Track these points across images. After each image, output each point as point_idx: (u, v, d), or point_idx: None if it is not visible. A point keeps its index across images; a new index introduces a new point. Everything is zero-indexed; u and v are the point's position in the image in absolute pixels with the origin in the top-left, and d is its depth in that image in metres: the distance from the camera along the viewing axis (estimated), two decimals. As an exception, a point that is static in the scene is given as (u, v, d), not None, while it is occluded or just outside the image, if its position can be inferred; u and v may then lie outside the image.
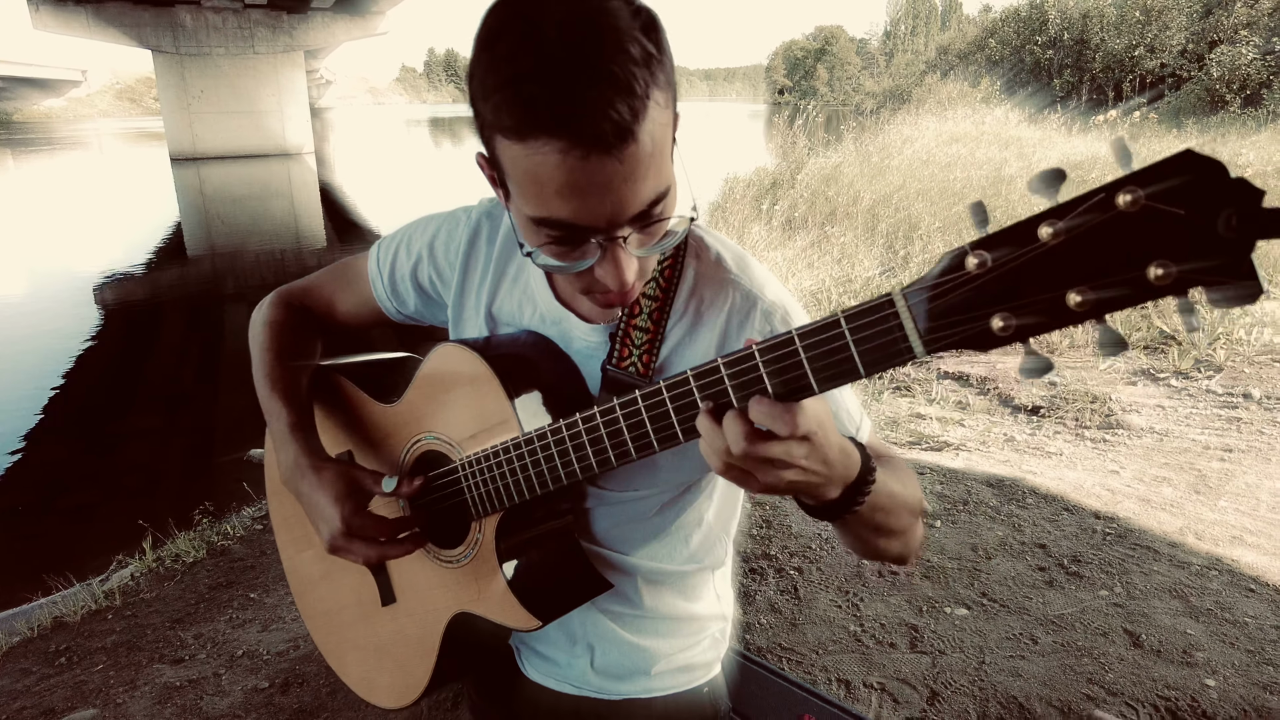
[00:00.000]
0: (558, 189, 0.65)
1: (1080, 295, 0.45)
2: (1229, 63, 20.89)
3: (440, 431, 0.95)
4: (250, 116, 28.13)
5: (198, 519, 4.03)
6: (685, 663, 1.04)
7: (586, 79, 0.62)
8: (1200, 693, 2.08)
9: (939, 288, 0.50)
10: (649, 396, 0.69)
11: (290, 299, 1.11)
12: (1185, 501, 3.08)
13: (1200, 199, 0.41)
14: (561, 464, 0.80)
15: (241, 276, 11.85)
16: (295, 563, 1.20)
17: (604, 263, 0.71)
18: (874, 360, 0.55)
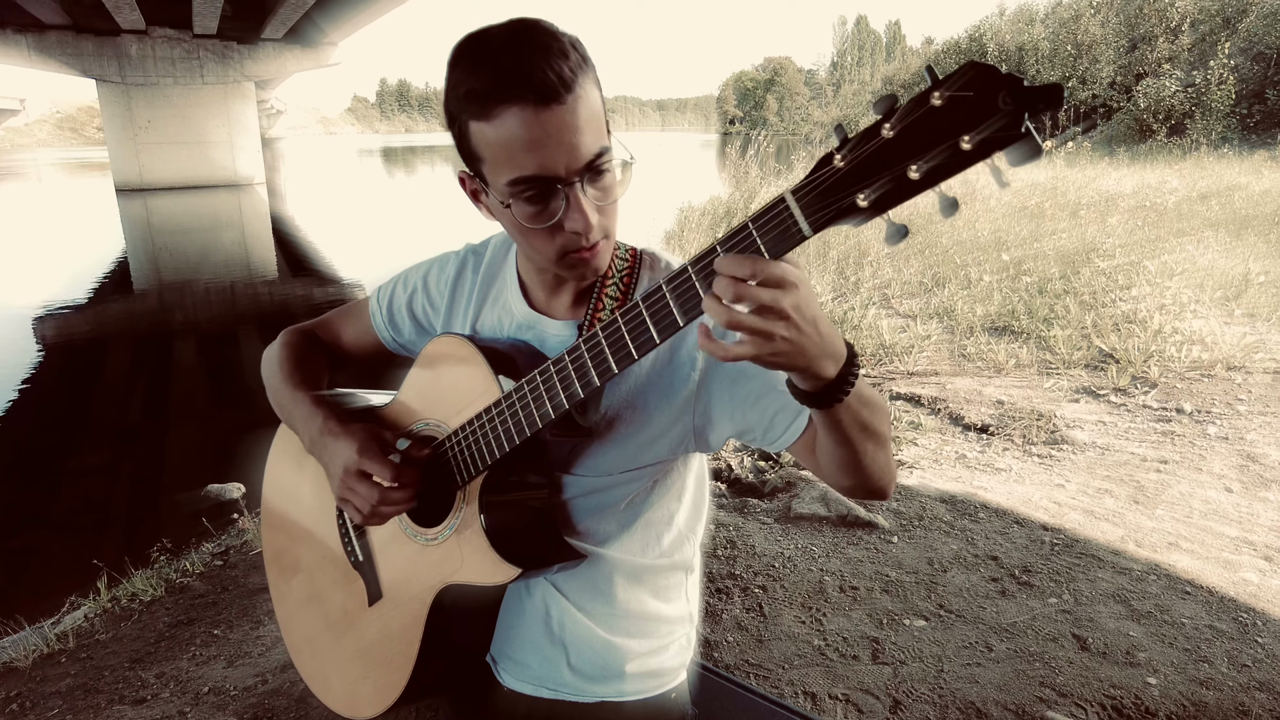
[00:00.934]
0: (523, 145, 0.81)
1: (916, 169, 0.59)
2: (1154, 95, 21.98)
3: (432, 415, 1.04)
4: (199, 147, 27.68)
5: (155, 556, 3.95)
6: (655, 667, 1.11)
7: (528, 54, 0.79)
8: (1143, 691, 2.20)
9: (816, 181, 0.64)
10: (628, 311, 0.79)
11: (303, 331, 1.26)
12: (1126, 511, 3.24)
13: (984, 87, 0.56)
14: (536, 406, 0.90)
15: (191, 309, 11.57)
16: (283, 592, 1.25)
17: (570, 211, 0.85)
18: (777, 245, 0.67)
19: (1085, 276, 6.82)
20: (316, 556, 1.20)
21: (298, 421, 1.11)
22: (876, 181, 0.62)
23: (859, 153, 0.62)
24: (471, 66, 0.82)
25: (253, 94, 29.28)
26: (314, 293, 12.15)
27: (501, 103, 0.80)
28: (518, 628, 1.10)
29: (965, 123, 0.57)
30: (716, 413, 0.97)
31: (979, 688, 2.24)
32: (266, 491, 1.29)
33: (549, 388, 0.88)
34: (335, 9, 25.07)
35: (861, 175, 0.62)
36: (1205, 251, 7.47)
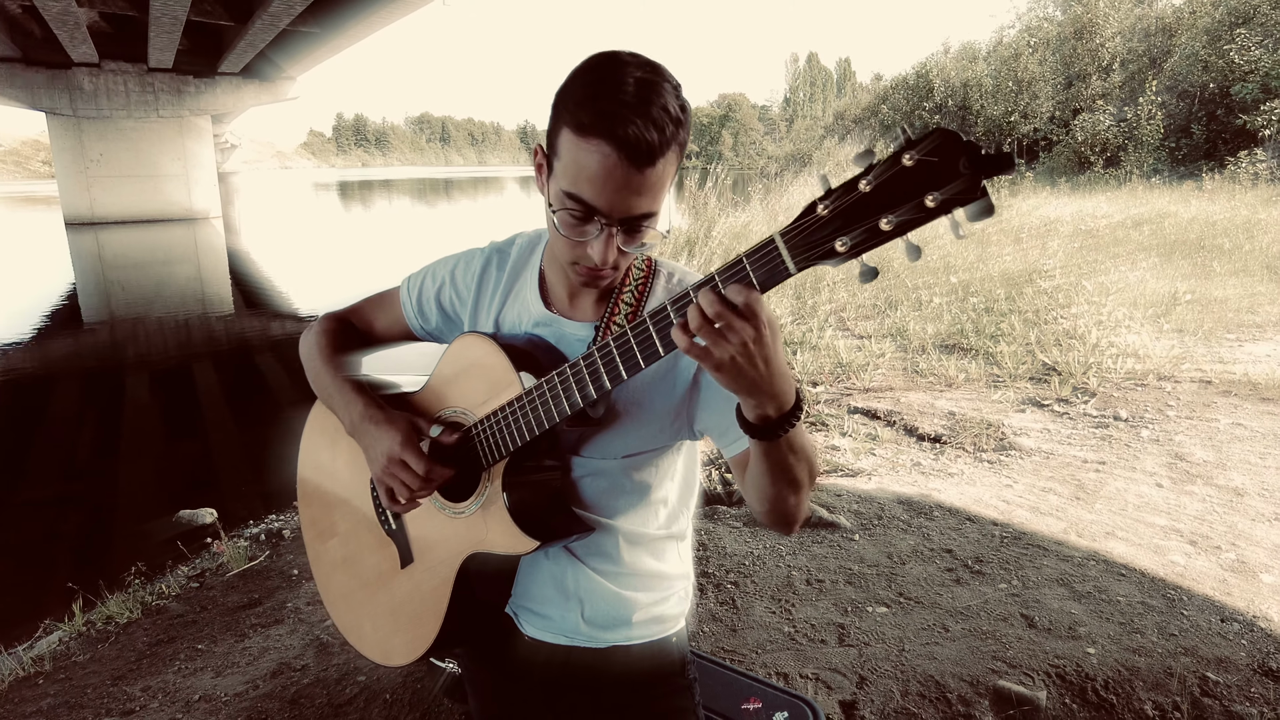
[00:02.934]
0: (590, 176, 0.93)
1: (888, 221, 0.70)
2: (1090, 128, 23.09)
3: (457, 405, 1.16)
4: (153, 181, 27.26)
5: (129, 580, 3.94)
6: (658, 614, 1.25)
7: (643, 111, 0.91)
8: (1083, 659, 2.40)
9: (802, 226, 0.75)
10: (637, 326, 0.91)
11: (339, 317, 1.36)
12: (1068, 507, 3.48)
13: (948, 153, 0.66)
14: (554, 403, 1.01)
15: (144, 344, 11.28)
16: (319, 552, 1.37)
17: (596, 241, 0.97)
18: (766, 279, 0.78)
19: (1028, 296, 7.20)
20: (351, 523, 1.32)
21: (338, 405, 1.23)
22: (853, 230, 0.72)
23: (840, 204, 0.72)
24: (595, 87, 0.92)
25: (209, 128, 29.02)
26: (271, 327, 12.02)
27: (598, 137, 0.91)
28: (536, 585, 1.21)
29: (931, 182, 0.67)
30: (699, 408, 1.14)
31: (937, 663, 2.43)
32: (303, 464, 1.41)
33: (565, 387, 1.00)
34: (292, 46, 25.13)
35: (841, 224, 0.72)
36: (1137, 272, 7.93)
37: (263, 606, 3.43)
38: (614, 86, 0.91)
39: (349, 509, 1.32)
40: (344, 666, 2.74)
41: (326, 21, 21.91)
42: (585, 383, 0.98)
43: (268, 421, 7.65)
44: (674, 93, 0.94)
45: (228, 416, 8.15)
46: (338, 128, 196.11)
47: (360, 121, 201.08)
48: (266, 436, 7.13)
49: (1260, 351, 5.82)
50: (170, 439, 7.44)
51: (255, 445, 7.00)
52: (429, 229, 28.80)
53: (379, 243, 24.22)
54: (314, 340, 1.31)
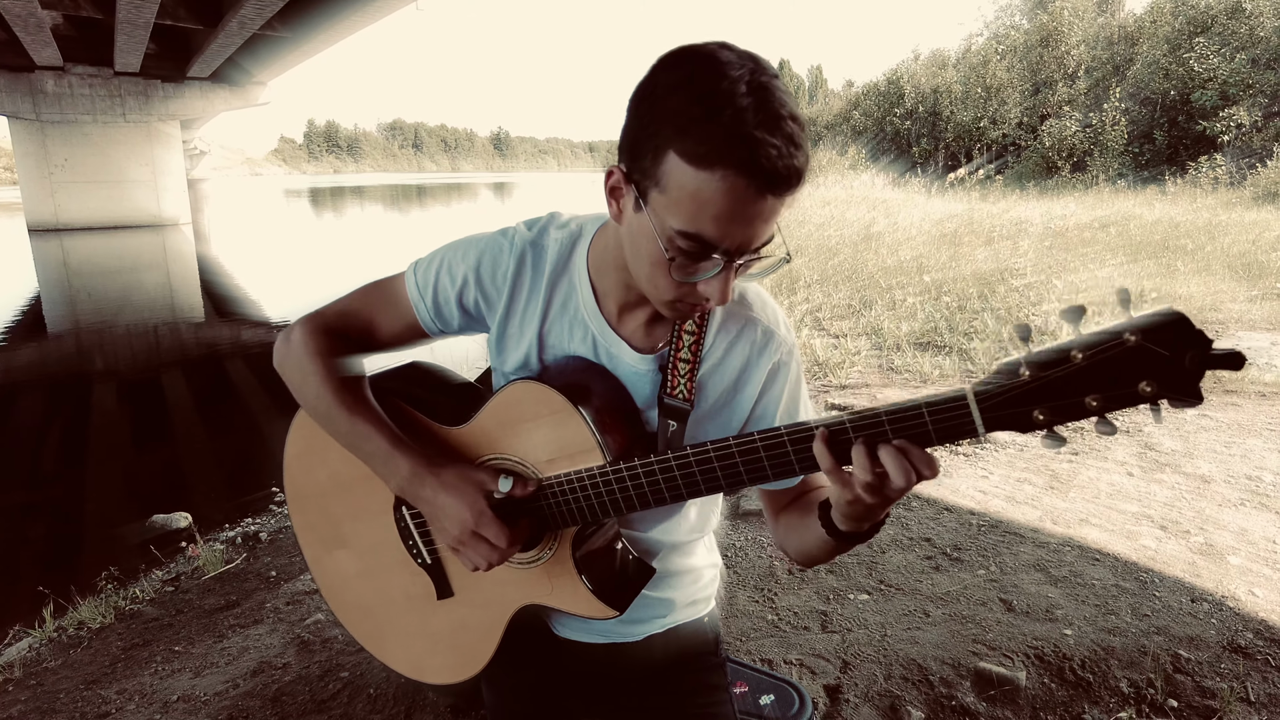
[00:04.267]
0: (716, 213, 0.78)
1: (1095, 399, 0.67)
2: (1057, 134, 23.56)
3: (513, 453, 1.03)
4: (120, 186, 26.79)
5: (101, 585, 3.87)
6: (691, 599, 1.22)
7: (776, 133, 0.76)
8: (1060, 640, 2.45)
9: (1001, 391, 0.70)
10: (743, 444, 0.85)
11: (327, 327, 1.11)
12: (1042, 495, 3.55)
13: (1176, 344, 0.63)
14: (651, 492, 0.93)
15: (112, 352, 11.09)
16: (325, 563, 1.25)
17: (714, 280, 0.84)
18: (945, 435, 0.74)
19: (1001, 295, 7.32)
20: (368, 542, 1.19)
21: (373, 460, 1.05)
22: (1057, 403, 0.68)
23: (1047, 373, 0.68)
24: (705, 103, 0.76)
25: (177, 133, 28.61)
26: (242, 334, 11.88)
27: (728, 167, 0.76)
28: None
29: (1150, 369, 0.63)
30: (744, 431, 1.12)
31: (919, 647, 2.46)
32: (293, 469, 1.25)
33: (669, 479, 0.91)
34: (263, 51, 24.86)
35: (1045, 394, 0.68)
36: (1105, 272, 8.10)
37: (241, 608, 3.38)
38: (727, 98, 0.76)
39: (364, 526, 1.19)
40: (327, 663, 2.71)
41: (298, 26, 21.72)
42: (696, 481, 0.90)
43: (241, 427, 7.55)
44: (784, 86, 0.81)
45: (200, 423, 8.04)
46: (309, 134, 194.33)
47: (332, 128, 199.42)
48: (240, 442, 7.05)
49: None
50: (141, 445, 7.31)
51: (229, 450, 6.91)
52: (402, 235, 28.60)
53: (351, 249, 24.01)
54: (305, 364, 1.08)
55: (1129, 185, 19.50)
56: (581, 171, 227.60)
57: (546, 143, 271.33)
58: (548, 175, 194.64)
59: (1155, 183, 19.14)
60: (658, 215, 0.82)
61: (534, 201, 54.57)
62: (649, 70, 0.84)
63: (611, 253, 0.97)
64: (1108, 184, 19.94)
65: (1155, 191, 17.03)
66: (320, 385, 1.07)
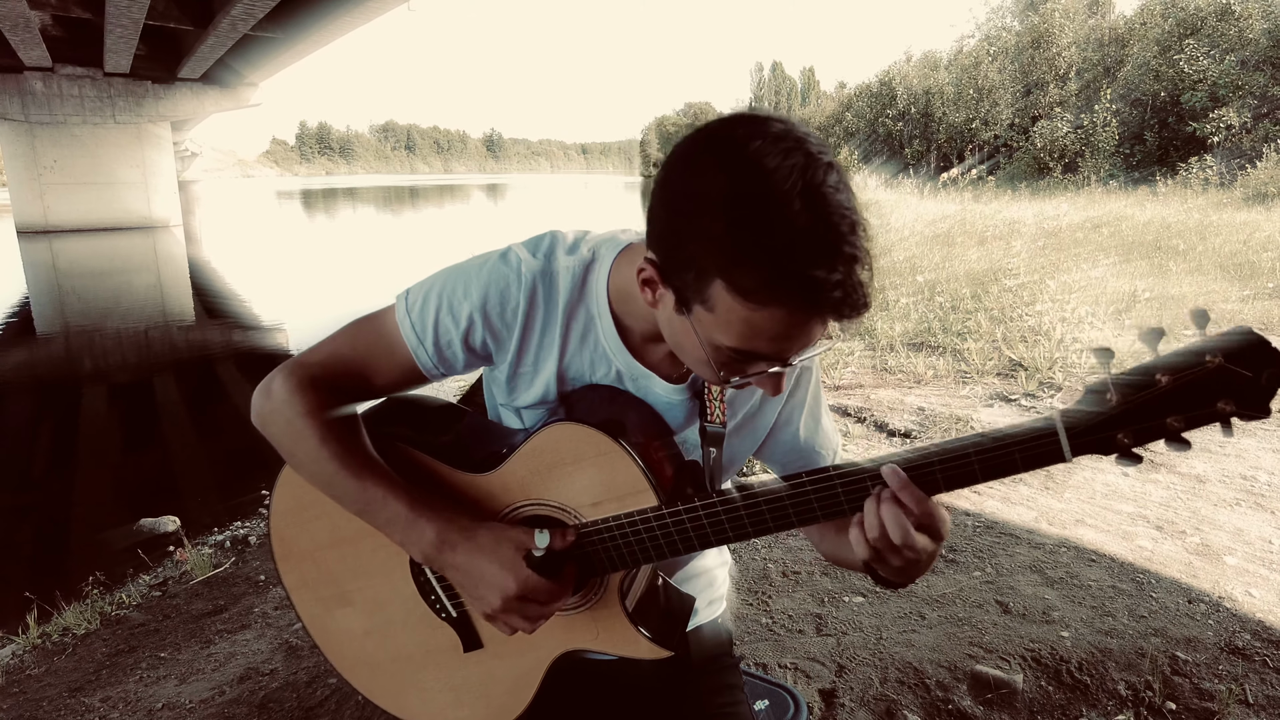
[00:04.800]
0: (772, 338, 0.75)
1: (1177, 420, 0.68)
2: (1049, 135, 23.64)
3: (552, 498, 0.97)
4: (111, 188, 26.64)
5: (86, 590, 3.82)
6: (709, 599, 1.27)
7: (840, 259, 0.70)
8: (1057, 643, 2.43)
9: (1089, 420, 0.71)
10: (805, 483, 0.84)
11: (313, 379, 0.99)
12: (1038, 496, 3.53)
13: (1256, 365, 0.64)
14: (713, 531, 0.89)
15: (102, 355, 11.00)
16: (327, 622, 1.16)
17: (768, 379, 0.82)
18: (1030, 464, 0.74)
19: (994, 294, 7.32)
20: (377, 598, 1.11)
21: (390, 527, 0.96)
22: (1140, 425, 0.69)
23: (1134, 398, 0.69)
24: (753, 227, 0.69)
25: (168, 134, 28.46)
26: (233, 337, 11.80)
27: (785, 306, 0.72)
28: None
29: (1227, 388, 0.65)
30: (766, 447, 1.13)
31: (915, 650, 2.43)
32: (283, 523, 1.14)
33: (714, 524, 0.89)
34: (254, 52, 24.75)
35: (1130, 419, 0.69)
36: (1098, 271, 8.11)
37: (228, 613, 3.34)
38: (778, 222, 0.68)
39: (372, 584, 1.11)
40: (314, 669, 2.67)
41: (289, 26, 21.63)
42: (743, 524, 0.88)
43: (231, 430, 7.48)
44: (843, 181, 0.72)
45: (189, 426, 7.97)
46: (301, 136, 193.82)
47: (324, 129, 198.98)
48: (230, 445, 6.98)
49: None
50: (130, 448, 7.25)
51: (218, 453, 6.85)
52: (395, 236, 28.51)
53: (344, 251, 23.92)
54: (296, 425, 0.97)
55: (1120, 186, 19.58)
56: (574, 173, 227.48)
57: (540, 144, 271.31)
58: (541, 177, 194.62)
59: (1146, 183, 19.22)
60: (704, 328, 0.78)
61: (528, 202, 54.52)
62: (676, 162, 0.76)
63: (639, 294, 0.88)
64: (1099, 185, 20.02)
65: (1146, 192, 17.09)
66: (318, 449, 0.96)
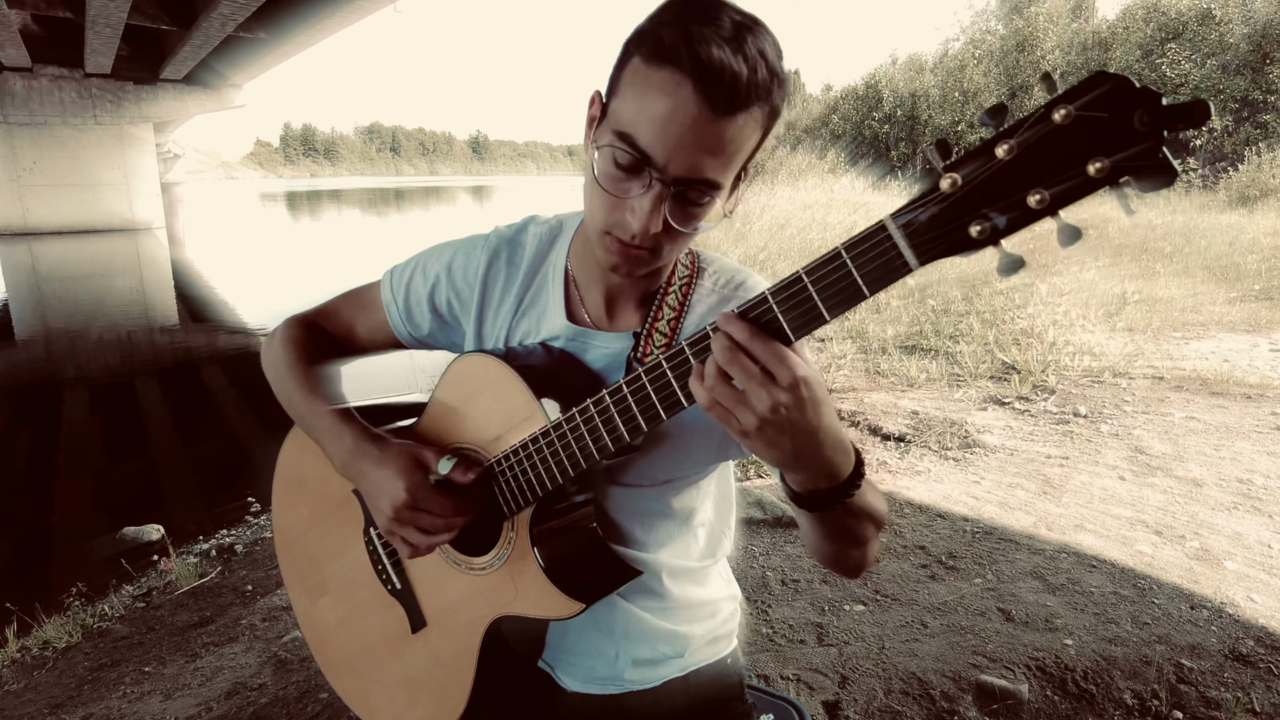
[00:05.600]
0: (654, 114, 0.75)
1: (1037, 195, 0.54)
2: (1033, 138, 23.73)
3: (466, 439, 0.96)
4: (92, 190, 26.28)
5: (68, 602, 3.73)
6: (710, 638, 1.12)
7: (737, 57, 0.73)
8: (1061, 651, 2.40)
9: (922, 208, 0.58)
10: (673, 357, 0.74)
11: (308, 321, 1.12)
12: (1036, 501, 3.51)
13: (1117, 104, 0.51)
14: (593, 440, 0.83)
15: (83, 359, 10.81)
16: (310, 612, 1.18)
17: (641, 199, 0.78)
18: (875, 279, 0.61)
19: (985, 297, 7.33)
20: (345, 580, 1.13)
21: (323, 437, 1.02)
22: (992, 209, 0.56)
23: (972, 177, 0.56)
24: (683, 8, 0.76)
25: (150, 136, 28.12)
26: (218, 340, 11.64)
27: (673, 64, 0.74)
28: (574, 631, 1.06)
29: (1094, 145, 0.52)
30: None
31: (918, 660, 2.40)
32: (278, 507, 1.20)
33: (602, 421, 0.81)
34: (238, 52, 24.53)
35: (975, 202, 0.57)
36: (1088, 273, 8.14)
37: (215, 624, 3.26)
38: (708, 17, 0.74)
39: (341, 563, 1.13)
40: (305, 684, 2.60)
41: (274, 27, 21.45)
42: (619, 422, 0.79)
43: (216, 436, 7.37)
44: (776, 48, 0.77)
45: (174, 431, 7.84)
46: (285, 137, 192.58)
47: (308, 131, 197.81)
48: (215, 451, 6.87)
49: (1205, 349, 5.99)
50: (113, 455, 7.11)
51: (203, 460, 6.73)
52: (380, 239, 28.33)
53: (329, 253, 23.73)
54: (279, 353, 1.08)
55: (1105, 189, 19.72)
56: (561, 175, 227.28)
57: (525, 146, 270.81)
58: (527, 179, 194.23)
59: (1130, 186, 19.38)
60: (607, 122, 0.80)
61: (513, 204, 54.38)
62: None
63: (587, 237, 0.92)
64: (1084, 187, 20.17)
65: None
66: (289, 369, 1.06)
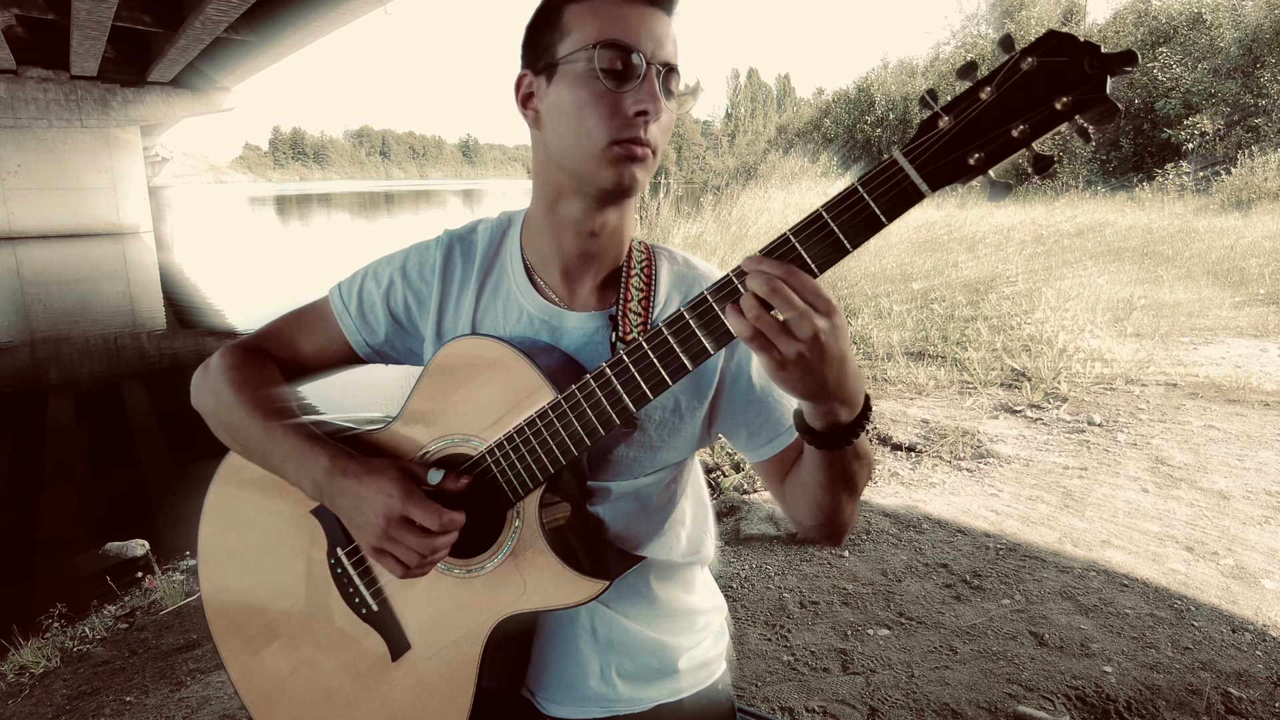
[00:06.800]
0: (617, 19, 0.85)
1: (1020, 127, 0.66)
2: (1026, 141, 23.78)
3: (452, 431, 0.92)
4: (78, 194, 25.99)
5: (46, 624, 3.56)
6: (701, 659, 1.09)
7: None
8: (1101, 679, 2.27)
9: (927, 142, 0.68)
10: (695, 307, 0.77)
11: (245, 349, 1.06)
12: (1058, 515, 3.38)
13: (1071, 53, 0.63)
14: (596, 414, 0.83)
15: (68, 364, 10.62)
16: (252, 668, 1.05)
17: (641, 88, 0.85)
18: (891, 207, 0.69)
19: (991, 302, 7.22)
20: (301, 618, 1.02)
21: (285, 462, 0.95)
22: (984, 140, 0.67)
23: (964, 115, 0.67)
24: None
25: (138, 139, 27.81)
26: (206, 346, 11.46)
27: None
28: (561, 648, 1.03)
29: (1057, 86, 0.64)
30: (722, 409, 0.99)
31: (950, 689, 2.26)
32: (208, 550, 1.08)
33: (609, 391, 0.82)
34: (226, 55, 24.27)
35: (969, 135, 0.67)
36: (1102, 278, 8.06)
37: (202, 649, 3.10)
38: None
39: (293, 600, 1.02)
40: (297, 718, 2.44)
41: (263, 29, 21.24)
42: (639, 381, 0.81)
43: (205, 445, 7.13)
44: None
45: (160, 440, 7.65)
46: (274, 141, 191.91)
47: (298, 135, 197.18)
48: (205, 461, 6.65)
49: (1215, 354, 5.90)
50: (97, 465, 6.92)
51: (191, 471, 6.54)
52: (370, 243, 28.12)
53: (318, 257, 23.51)
54: (218, 383, 1.00)
55: (1097, 193, 19.73)
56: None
57: (515, 150, 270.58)
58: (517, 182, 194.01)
59: (1124, 190, 19.38)
60: (573, 58, 0.85)
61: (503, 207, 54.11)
62: None
63: (540, 215, 0.96)
64: (1078, 192, 20.16)
65: (1125, 198, 17.22)
66: (234, 397, 0.98)
